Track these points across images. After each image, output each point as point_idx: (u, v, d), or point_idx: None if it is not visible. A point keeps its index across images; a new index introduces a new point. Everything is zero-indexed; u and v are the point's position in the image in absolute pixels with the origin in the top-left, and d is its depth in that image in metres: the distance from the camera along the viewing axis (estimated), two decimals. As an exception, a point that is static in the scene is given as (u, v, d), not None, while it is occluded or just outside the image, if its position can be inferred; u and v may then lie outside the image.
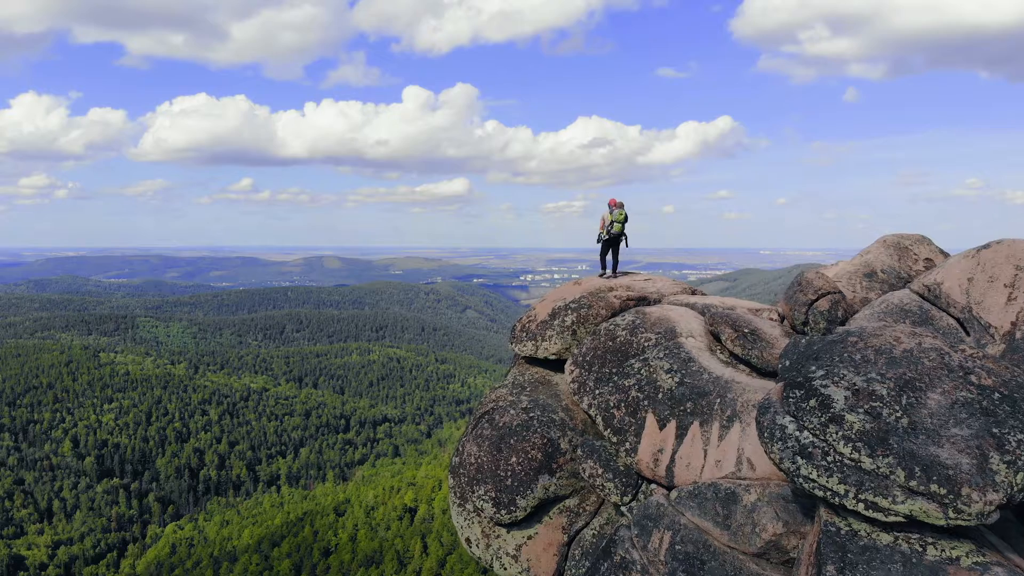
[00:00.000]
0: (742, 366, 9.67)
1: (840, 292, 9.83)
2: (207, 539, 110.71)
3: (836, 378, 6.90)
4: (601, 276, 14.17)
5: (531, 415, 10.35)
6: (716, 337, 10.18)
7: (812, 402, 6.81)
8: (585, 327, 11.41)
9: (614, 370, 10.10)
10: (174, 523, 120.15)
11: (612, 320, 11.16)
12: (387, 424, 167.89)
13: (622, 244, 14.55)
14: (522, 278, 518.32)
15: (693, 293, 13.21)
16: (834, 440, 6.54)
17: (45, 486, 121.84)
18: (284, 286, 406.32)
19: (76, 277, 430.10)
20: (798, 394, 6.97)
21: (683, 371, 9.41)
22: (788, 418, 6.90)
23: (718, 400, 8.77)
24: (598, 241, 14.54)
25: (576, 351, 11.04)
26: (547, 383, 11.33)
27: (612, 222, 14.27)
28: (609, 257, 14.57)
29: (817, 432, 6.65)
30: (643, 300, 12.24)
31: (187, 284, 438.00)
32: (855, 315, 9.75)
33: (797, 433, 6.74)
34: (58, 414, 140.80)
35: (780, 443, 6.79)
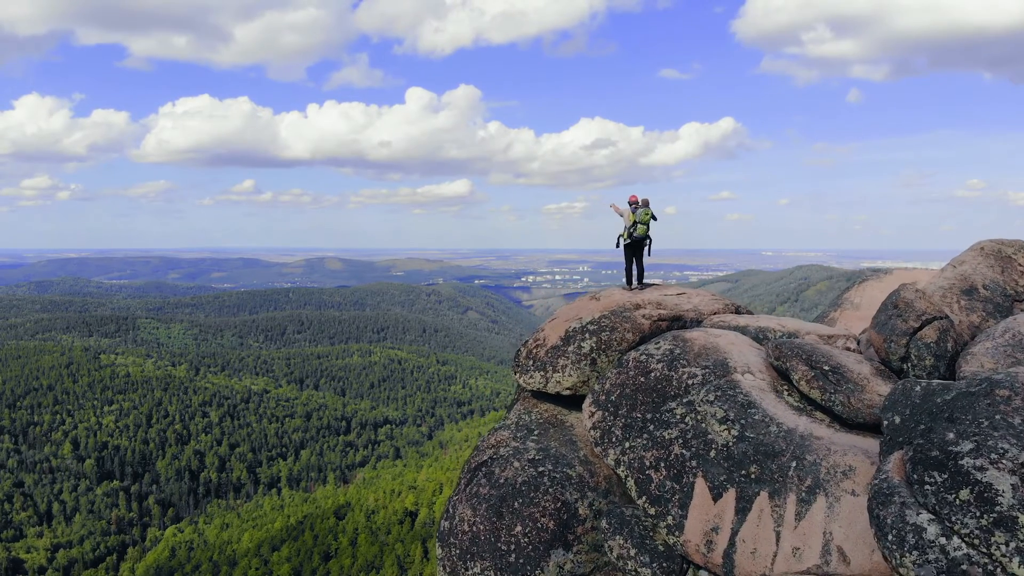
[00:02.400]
0: (818, 413, 7.41)
1: (948, 318, 7.54)
2: (207, 542, 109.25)
3: (994, 454, 4.72)
4: (626, 289, 11.86)
5: (540, 470, 8.11)
6: (782, 374, 7.90)
7: (964, 493, 4.63)
8: (608, 355, 9.11)
9: (649, 416, 7.84)
10: (174, 526, 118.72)
11: (642, 348, 8.85)
12: (388, 426, 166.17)
13: (645, 250, 12.25)
14: (524, 279, 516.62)
15: (738, 311, 10.81)
16: (1004, 555, 4.37)
17: (45, 488, 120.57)
18: (285, 287, 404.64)
19: (77, 278, 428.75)
20: (938, 479, 4.79)
21: (743, 420, 7.17)
22: (925, 515, 4.72)
23: (794, 463, 6.55)
24: (617, 245, 12.27)
25: (597, 387, 8.75)
26: (560, 424, 9.05)
27: (635, 223, 11.97)
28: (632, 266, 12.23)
29: (975, 540, 4.47)
30: (678, 320, 9.91)
31: (188, 285, 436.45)
32: (969, 348, 7.46)
33: (943, 540, 4.56)
34: (58, 416, 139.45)
35: (916, 553, 4.61)
